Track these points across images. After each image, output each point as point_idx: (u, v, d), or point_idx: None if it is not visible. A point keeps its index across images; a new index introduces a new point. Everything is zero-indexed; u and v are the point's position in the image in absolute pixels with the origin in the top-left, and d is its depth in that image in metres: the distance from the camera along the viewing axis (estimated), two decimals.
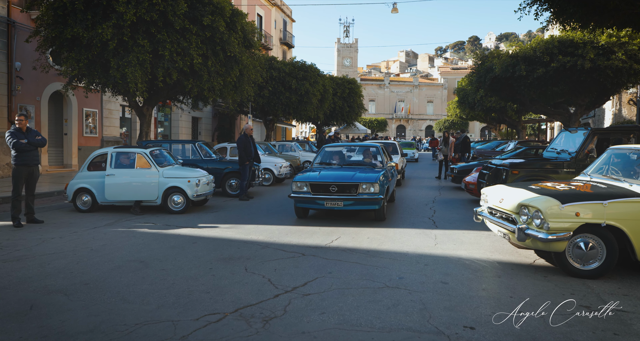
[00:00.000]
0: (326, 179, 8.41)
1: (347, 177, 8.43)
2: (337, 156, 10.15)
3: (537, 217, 5.24)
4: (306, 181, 8.45)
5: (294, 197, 8.50)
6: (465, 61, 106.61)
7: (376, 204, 8.23)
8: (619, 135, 9.79)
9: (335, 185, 8.24)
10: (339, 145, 10.91)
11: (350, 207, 8.20)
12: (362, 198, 8.10)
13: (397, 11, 29.65)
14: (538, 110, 23.79)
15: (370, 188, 8.12)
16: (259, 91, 23.42)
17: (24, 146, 8.22)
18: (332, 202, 8.18)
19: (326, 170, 9.05)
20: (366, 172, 8.79)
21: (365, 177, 8.32)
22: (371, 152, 10.23)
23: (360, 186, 8.12)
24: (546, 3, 10.89)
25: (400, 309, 4.25)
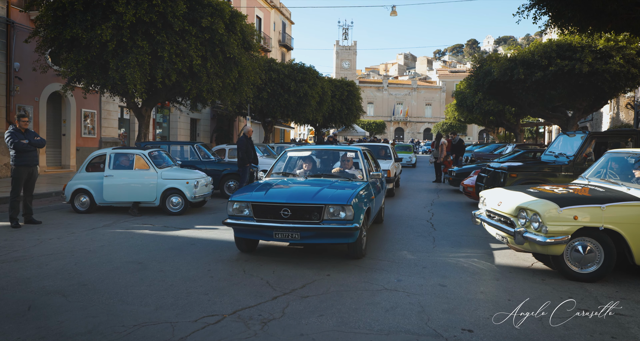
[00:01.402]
0: (275, 198, 5.80)
1: (306, 194, 5.85)
2: (303, 163, 7.52)
3: (536, 220, 5.26)
4: (247, 201, 5.85)
5: (230, 224, 5.91)
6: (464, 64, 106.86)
7: (349, 236, 5.62)
8: (616, 138, 9.82)
9: (288, 208, 5.64)
10: (307, 149, 7.99)
11: (311, 239, 5.64)
12: (328, 228, 5.50)
13: (396, 14, 29.71)
14: (536, 113, 23.85)
15: (339, 212, 5.57)
16: (257, 93, 23.44)
17: (25, 146, 8.21)
18: (284, 233, 5.58)
19: (280, 185, 6.48)
20: (338, 187, 6.26)
21: (333, 196, 5.79)
22: (349, 159, 7.51)
23: (326, 209, 5.59)
24: (544, 7, 10.93)
25: (399, 311, 4.26)
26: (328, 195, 5.83)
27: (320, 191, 5.93)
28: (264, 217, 5.77)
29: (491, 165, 10.60)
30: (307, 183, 6.52)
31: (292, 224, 5.60)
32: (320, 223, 5.59)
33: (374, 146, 15.02)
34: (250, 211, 5.84)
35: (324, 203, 5.62)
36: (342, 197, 5.73)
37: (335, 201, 5.65)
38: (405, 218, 9.50)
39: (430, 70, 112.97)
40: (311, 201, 5.67)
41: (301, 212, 5.65)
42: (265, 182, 6.78)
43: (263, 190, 6.11)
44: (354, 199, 5.72)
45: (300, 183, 6.66)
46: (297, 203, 5.68)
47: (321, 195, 5.79)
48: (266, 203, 5.77)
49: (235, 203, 5.93)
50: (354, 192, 5.94)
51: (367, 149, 8.25)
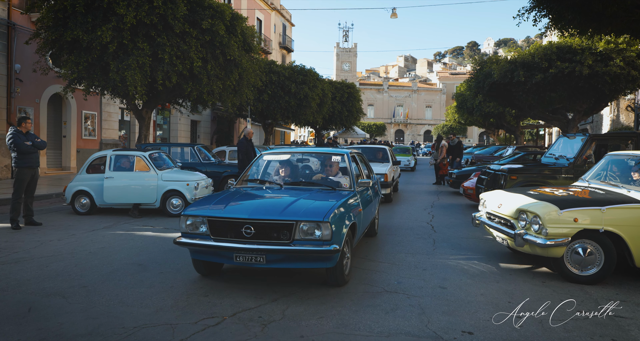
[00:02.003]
0: (236, 213, 4.80)
1: (274, 208, 4.86)
2: (280, 169, 6.52)
3: (536, 222, 5.26)
4: (202, 215, 4.84)
5: (183, 244, 4.89)
6: (464, 66, 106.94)
7: (326, 260, 4.64)
8: (617, 141, 9.83)
9: (251, 224, 4.62)
10: (286, 151, 6.79)
11: (280, 264, 4.68)
12: (300, 251, 4.51)
13: (396, 16, 29.74)
14: (536, 115, 23.88)
15: (314, 230, 4.56)
16: (258, 95, 23.47)
17: (29, 148, 8.23)
18: (246, 255, 4.59)
19: (247, 195, 5.53)
20: (316, 198, 5.25)
21: (307, 210, 4.75)
22: (334, 163, 6.38)
23: (297, 226, 4.57)
24: (545, 9, 10.95)
25: (399, 313, 4.26)
26: (301, 209, 4.77)
27: (292, 204, 4.88)
28: (222, 235, 4.72)
29: (491, 167, 10.61)
30: (281, 194, 5.54)
31: (255, 245, 4.55)
32: (291, 244, 4.55)
33: (371, 148, 14.34)
34: (207, 227, 4.79)
35: (295, 219, 4.57)
36: (318, 212, 4.67)
37: (309, 217, 4.59)
38: (405, 220, 9.50)
39: (431, 72, 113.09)
40: (279, 217, 4.61)
41: (267, 229, 4.61)
42: (231, 191, 5.79)
43: (224, 203, 5.10)
44: (333, 214, 4.66)
45: (273, 193, 5.67)
46: (262, 219, 4.63)
47: (292, 209, 4.75)
48: (225, 219, 4.74)
49: (189, 218, 4.87)
50: (334, 205, 4.86)
51: (357, 152, 7.14)
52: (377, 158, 13.31)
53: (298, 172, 6.51)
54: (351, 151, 6.72)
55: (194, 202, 5.54)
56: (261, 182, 6.21)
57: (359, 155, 7.19)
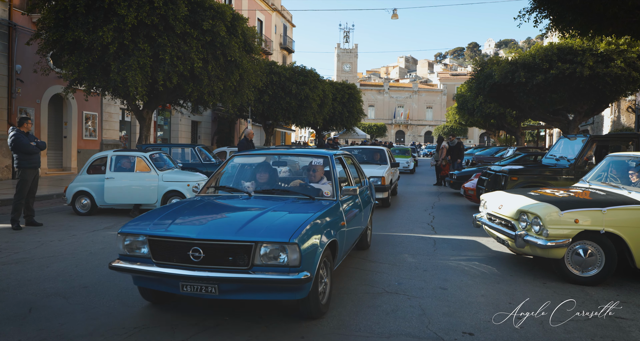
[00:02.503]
0: (182, 231, 3.94)
1: (229, 225, 3.98)
2: (253, 174, 5.66)
3: (536, 223, 5.26)
4: (142, 234, 3.95)
5: (120, 269, 3.99)
6: (465, 67, 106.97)
7: (295, 290, 3.79)
8: (617, 142, 9.83)
9: (200, 246, 3.73)
10: (260, 153, 6.14)
11: (236, 295, 3.83)
12: (261, 279, 3.63)
13: (397, 17, 29.77)
14: (537, 116, 23.87)
15: (278, 253, 3.69)
16: (259, 96, 23.49)
17: (33, 148, 8.23)
18: (194, 285, 3.74)
19: (203, 207, 4.67)
20: (289, 210, 4.44)
21: (269, 227, 3.87)
22: (315, 168, 5.50)
23: (257, 249, 3.69)
24: (545, 10, 10.94)
25: (400, 314, 4.26)
26: (262, 226, 3.86)
27: (254, 220, 4.00)
28: (166, 259, 3.84)
29: (492, 168, 10.61)
30: (246, 205, 4.72)
31: (205, 272, 3.67)
32: (249, 270, 3.65)
33: (369, 149, 13.71)
34: (148, 248, 3.90)
35: (254, 239, 3.67)
36: (284, 230, 3.75)
37: (272, 236, 3.69)
38: (405, 221, 9.49)
39: (431, 73, 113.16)
40: (234, 236, 3.72)
41: (220, 252, 3.71)
42: (187, 201, 4.92)
43: (172, 218, 4.19)
44: (303, 232, 3.76)
45: (237, 204, 4.85)
46: (213, 239, 3.72)
47: (252, 227, 3.84)
48: (168, 239, 3.84)
49: (127, 238, 3.98)
50: (305, 221, 3.97)
51: (346, 154, 6.29)
52: (375, 160, 12.75)
53: (273, 178, 5.57)
54: (337, 153, 5.89)
55: (136, 217, 4.41)
56: (228, 190, 5.33)
57: (347, 157, 6.33)
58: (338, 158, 5.79)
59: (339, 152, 6.07)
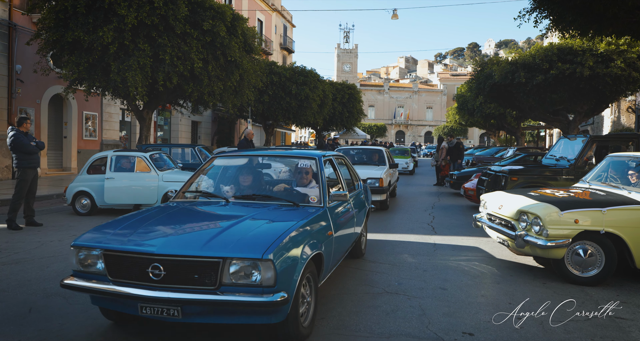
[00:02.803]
0: (140, 244, 3.47)
1: (196, 238, 3.56)
2: (234, 177, 5.29)
3: (536, 223, 5.26)
4: (97, 247, 3.49)
5: (72, 288, 3.52)
6: (465, 68, 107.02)
7: (270, 313, 3.34)
8: (617, 142, 9.83)
9: (160, 262, 3.29)
10: (243, 155, 5.67)
11: (202, 318, 3.36)
12: (230, 302, 3.18)
13: (397, 17, 29.77)
14: (537, 117, 23.87)
15: (250, 271, 3.24)
16: (259, 96, 23.50)
17: (33, 148, 8.21)
18: (154, 307, 3.28)
19: (172, 215, 4.21)
20: (267, 219, 3.98)
21: (241, 241, 3.40)
22: (302, 171, 5.01)
23: (225, 266, 3.23)
24: (545, 11, 10.94)
25: (400, 315, 4.26)
26: (233, 239, 3.39)
27: (225, 231, 3.55)
28: (123, 276, 3.37)
29: (492, 169, 10.61)
30: (222, 213, 4.34)
31: (166, 292, 3.20)
32: (217, 290, 3.19)
33: (367, 150, 13.35)
34: (103, 263, 3.43)
35: (222, 255, 3.20)
36: (257, 244, 3.29)
37: (243, 252, 3.22)
38: (405, 221, 9.50)
39: (432, 74, 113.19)
40: (200, 251, 3.25)
41: (183, 270, 3.24)
42: (155, 208, 4.43)
43: (133, 228, 3.74)
44: (280, 246, 3.31)
45: (211, 212, 4.41)
46: (175, 255, 3.26)
47: (221, 240, 3.38)
48: (126, 253, 3.37)
49: (82, 251, 3.51)
50: (283, 233, 3.51)
51: (337, 155, 5.85)
52: (373, 161, 12.33)
53: (256, 182, 5.16)
54: (327, 154, 5.40)
55: (95, 227, 3.90)
56: (205, 195, 4.83)
57: (339, 159, 5.90)
58: (328, 159, 5.39)
59: (330, 153, 5.56)
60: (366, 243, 6.70)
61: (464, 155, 17.48)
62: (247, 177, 5.12)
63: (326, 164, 5.27)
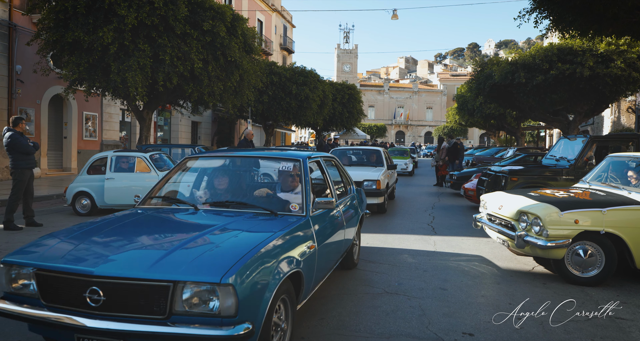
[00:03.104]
0: (78, 263, 2.88)
1: (144, 256, 2.98)
2: (209, 181, 4.79)
3: (536, 224, 5.26)
4: (29, 264, 2.95)
5: (1, 313, 2.93)
6: (465, 68, 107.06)
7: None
8: (617, 142, 9.83)
9: (99, 285, 2.72)
10: (219, 155, 5.12)
11: None
12: (181, 336, 2.60)
13: (397, 18, 29.77)
14: (537, 117, 23.87)
15: (207, 297, 2.68)
16: (259, 96, 23.50)
17: (31, 149, 8.20)
18: (94, 338, 2.73)
19: (126, 225, 3.70)
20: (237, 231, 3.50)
21: (197, 261, 2.83)
22: (285, 174, 4.49)
23: (177, 292, 2.67)
24: (545, 11, 10.95)
25: (400, 315, 4.26)
26: (188, 258, 2.85)
27: (180, 248, 2.99)
28: (58, 301, 2.85)
29: (492, 169, 10.61)
30: (184, 224, 3.80)
31: (105, 321, 2.69)
32: (167, 321, 2.67)
33: (364, 150, 12.84)
34: (36, 286, 2.90)
35: (173, 278, 2.67)
36: (215, 265, 2.75)
37: (198, 274, 2.68)
38: (406, 221, 9.50)
39: (432, 74, 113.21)
40: (146, 273, 2.71)
41: (127, 295, 2.71)
42: (111, 217, 3.96)
43: (77, 241, 3.20)
44: (243, 267, 2.75)
45: (174, 222, 3.87)
46: (118, 276, 2.72)
47: (173, 260, 2.83)
48: (59, 274, 2.83)
49: (13, 270, 2.99)
50: (251, 249, 2.96)
51: (326, 157, 5.28)
52: (370, 162, 11.86)
53: (232, 187, 4.58)
54: (314, 155, 4.82)
55: (32, 242, 3.34)
56: (173, 201, 4.30)
57: (328, 160, 5.37)
58: (315, 161, 4.80)
59: (318, 154, 5.01)
60: (359, 252, 6.14)
61: (463, 156, 17.47)
62: (222, 182, 4.59)
63: (313, 167, 4.78)
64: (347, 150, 12.97)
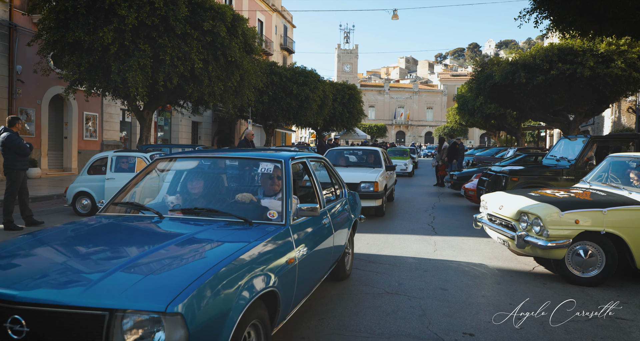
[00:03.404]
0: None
1: (78, 278, 2.43)
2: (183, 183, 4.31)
3: (537, 224, 5.26)
4: None
5: None
6: (465, 68, 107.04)
7: None
8: (618, 143, 9.83)
9: (22, 313, 2.20)
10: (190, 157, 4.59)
11: None
12: None
13: (397, 18, 29.76)
14: (537, 117, 23.87)
15: (152, 329, 2.14)
16: (259, 96, 23.49)
17: (28, 150, 8.18)
18: None
19: (72, 239, 3.18)
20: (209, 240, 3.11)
21: (141, 283, 2.30)
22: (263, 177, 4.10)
23: (115, 322, 2.14)
24: (546, 11, 10.94)
25: (400, 315, 4.26)
26: (130, 281, 2.35)
27: (124, 267, 2.49)
28: None
29: (492, 169, 10.61)
30: (142, 236, 3.30)
31: None
32: None
33: (361, 150, 12.44)
34: None
35: (110, 305, 2.18)
36: (161, 290, 2.27)
37: (139, 301, 2.20)
38: (406, 221, 9.49)
39: (432, 74, 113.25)
40: (78, 299, 2.21)
41: (55, 326, 2.21)
42: (60, 227, 3.40)
43: (7, 258, 2.74)
44: (198, 288, 2.29)
45: (130, 233, 3.37)
46: (44, 302, 2.22)
47: (111, 283, 2.33)
48: None
49: None
50: (209, 269, 2.46)
51: (313, 157, 4.83)
52: (368, 163, 11.36)
53: (206, 192, 4.08)
54: (298, 156, 4.28)
55: None
56: (136, 208, 3.77)
57: (316, 161, 4.98)
58: (300, 162, 4.34)
59: (304, 154, 4.50)
60: (352, 261, 5.60)
61: (462, 156, 17.47)
62: (194, 186, 4.10)
63: (299, 169, 4.44)
64: (344, 151, 12.45)
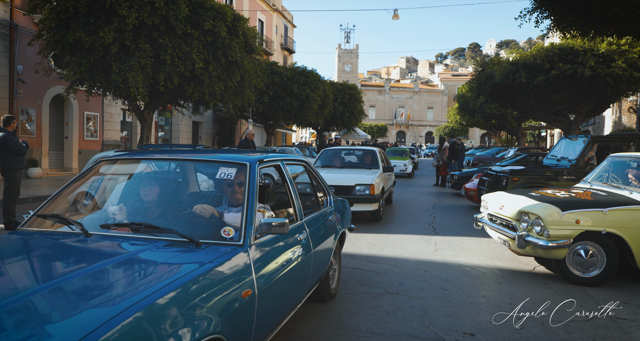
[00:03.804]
0: None
1: None
2: (125, 192, 3.62)
3: (538, 224, 5.25)
4: None
5: None
6: (466, 68, 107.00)
7: None
8: (619, 142, 9.83)
9: None
10: (137, 158, 3.84)
11: None
12: None
13: (398, 18, 29.75)
14: (538, 117, 23.85)
15: None
16: (259, 96, 23.49)
17: (24, 150, 8.16)
18: None
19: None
20: (135, 269, 2.41)
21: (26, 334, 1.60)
22: (223, 184, 3.40)
23: None
24: (547, 11, 10.94)
25: (400, 315, 4.26)
26: (20, 326, 1.70)
27: (3, 314, 1.76)
28: None
29: (493, 169, 10.61)
30: (49, 263, 2.58)
31: None
32: None
33: (357, 150, 11.74)
34: None
35: None
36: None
37: None
38: (406, 221, 9.49)
39: (432, 74, 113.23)
40: None
41: None
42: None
43: None
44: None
45: (40, 257, 2.68)
46: None
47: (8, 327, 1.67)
48: None
49: None
50: (119, 314, 1.78)
51: (289, 159, 4.08)
52: (364, 164, 10.68)
53: (151, 201, 3.33)
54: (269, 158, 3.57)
55: None
56: (64, 221, 2.98)
57: (294, 165, 4.33)
58: (272, 166, 3.65)
59: (277, 156, 3.78)
60: (339, 278, 4.83)
61: (462, 156, 17.45)
62: (138, 195, 3.41)
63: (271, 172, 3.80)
64: (339, 151, 11.64)
